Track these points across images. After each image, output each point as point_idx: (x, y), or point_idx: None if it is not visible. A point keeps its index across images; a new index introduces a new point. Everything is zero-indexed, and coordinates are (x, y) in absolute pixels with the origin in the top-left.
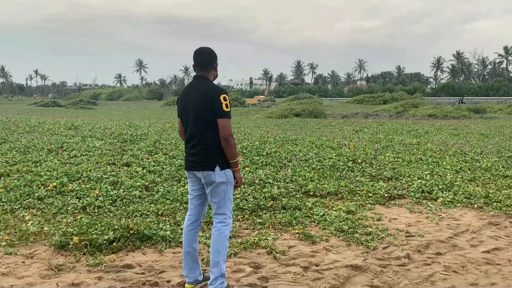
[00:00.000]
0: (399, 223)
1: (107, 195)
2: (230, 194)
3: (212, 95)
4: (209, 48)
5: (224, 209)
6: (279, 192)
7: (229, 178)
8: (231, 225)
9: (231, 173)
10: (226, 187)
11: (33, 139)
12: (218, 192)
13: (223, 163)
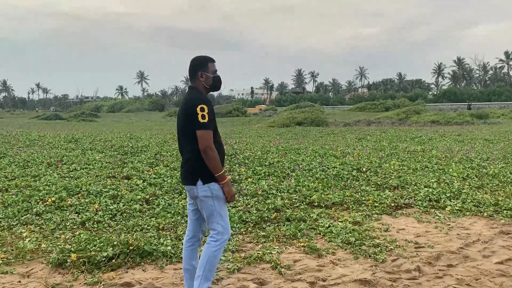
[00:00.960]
0: (407, 234)
1: (107, 209)
2: (219, 208)
3: (189, 106)
4: (196, 56)
5: (214, 224)
6: (283, 203)
7: (214, 192)
8: (226, 241)
9: (217, 186)
10: (214, 202)
11: (33, 153)
12: (205, 207)
13: (207, 176)
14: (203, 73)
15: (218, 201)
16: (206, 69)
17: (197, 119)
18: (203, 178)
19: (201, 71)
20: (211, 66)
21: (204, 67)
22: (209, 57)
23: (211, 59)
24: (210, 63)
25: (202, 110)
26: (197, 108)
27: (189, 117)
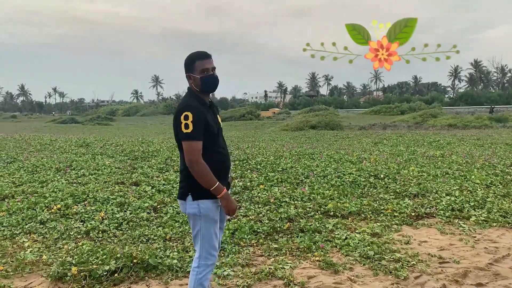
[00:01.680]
0: (430, 247)
1: (113, 217)
2: (206, 230)
3: (174, 115)
4: (188, 55)
5: (198, 247)
6: (296, 212)
7: (203, 211)
8: (211, 267)
9: (208, 205)
10: (201, 222)
11: (43, 158)
12: (192, 226)
13: (197, 192)
14: (190, 75)
15: (207, 221)
16: (192, 69)
17: (180, 129)
18: (193, 192)
19: (188, 72)
20: (199, 65)
21: (190, 67)
22: (197, 53)
23: (199, 55)
24: (199, 61)
25: (186, 119)
26: (181, 116)
27: (175, 126)
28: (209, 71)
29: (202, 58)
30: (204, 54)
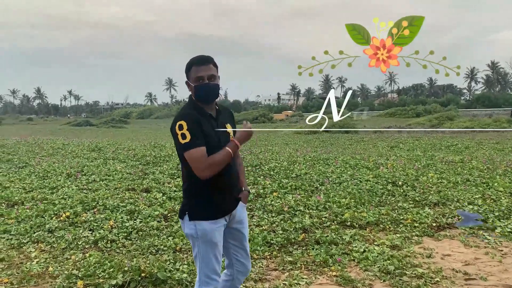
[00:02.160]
0: (454, 261)
1: (122, 226)
2: (204, 254)
3: (170, 128)
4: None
5: (198, 270)
6: (311, 222)
7: (200, 233)
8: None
9: (205, 226)
10: (199, 244)
11: (54, 163)
12: (192, 247)
13: (195, 211)
14: (187, 82)
15: (204, 243)
16: (189, 76)
17: (178, 141)
18: (190, 212)
19: (187, 79)
20: (194, 71)
21: (187, 73)
22: (195, 58)
23: (195, 61)
24: (195, 66)
25: (181, 128)
26: (175, 127)
27: (174, 140)
28: (204, 79)
29: (198, 64)
30: (200, 59)
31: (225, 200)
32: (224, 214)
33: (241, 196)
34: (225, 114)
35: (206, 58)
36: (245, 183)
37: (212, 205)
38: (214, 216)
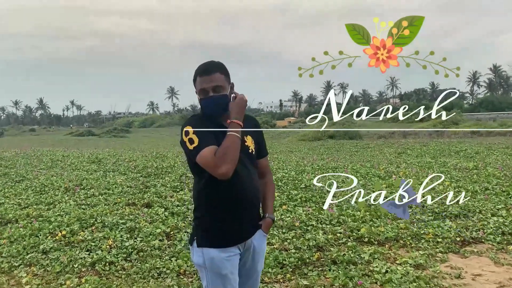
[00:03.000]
0: (487, 283)
1: (122, 246)
2: (214, 284)
3: (180, 140)
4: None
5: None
6: (326, 239)
7: (208, 263)
8: None
9: (214, 255)
10: (208, 276)
11: (53, 176)
12: (201, 278)
13: (202, 237)
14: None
15: (214, 275)
16: (195, 87)
17: (187, 149)
18: (198, 237)
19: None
20: (198, 83)
21: (194, 84)
22: (199, 68)
23: (198, 71)
24: (199, 77)
25: (187, 134)
26: (182, 135)
27: (184, 150)
28: (207, 92)
29: (201, 75)
30: (204, 69)
31: (239, 225)
32: (237, 242)
33: (262, 223)
34: (245, 126)
35: (210, 67)
36: (270, 208)
37: (221, 230)
38: (224, 244)
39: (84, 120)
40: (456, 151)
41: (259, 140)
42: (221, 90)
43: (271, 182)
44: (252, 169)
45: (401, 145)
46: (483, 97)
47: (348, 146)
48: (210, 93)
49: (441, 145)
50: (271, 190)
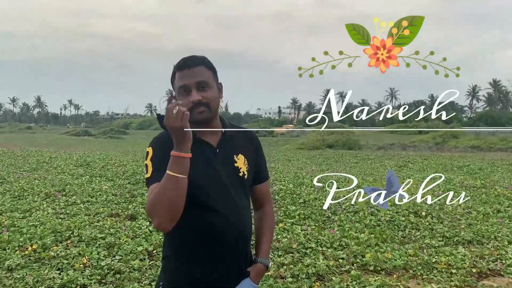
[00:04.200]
0: None
1: (97, 265)
2: None
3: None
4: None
5: None
6: (327, 265)
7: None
8: None
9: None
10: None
11: (35, 179)
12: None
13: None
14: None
15: None
16: (174, 87)
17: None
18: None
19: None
20: (178, 79)
21: (172, 85)
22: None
23: (179, 65)
24: (179, 72)
25: (146, 157)
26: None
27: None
28: (189, 90)
29: (181, 69)
30: (183, 62)
31: (217, 270)
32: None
33: (251, 270)
34: (238, 141)
35: (192, 59)
36: (264, 251)
37: (192, 275)
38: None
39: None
40: (459, 166)
41: (257, 160)
42: (207, 88)
43: (271, 215)
44: (242, 198)
45: (402, 158)
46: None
47: (348, 156)
48: (193, 92)
49: (443, 159)
50: (269, 226)
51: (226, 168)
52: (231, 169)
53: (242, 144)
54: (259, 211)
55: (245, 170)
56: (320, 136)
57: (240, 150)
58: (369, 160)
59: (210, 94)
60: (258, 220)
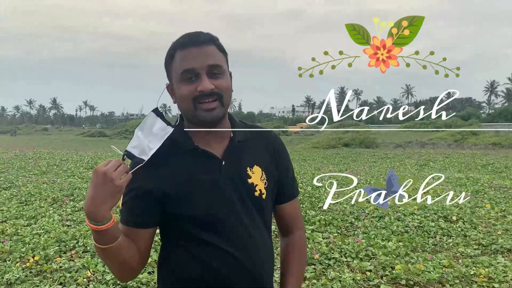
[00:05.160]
0: None
1: (102, 280)
2: None
3: None
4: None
5: None
6: (353, 279)
7: None
8: None
9: None
10: None
11: (44, 183)
12: None
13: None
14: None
15: None
16: (170, 72)
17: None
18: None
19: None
20: (180, 61)
21: (168, 69)
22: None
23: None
24: (181, 51)
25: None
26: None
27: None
28: (196, 76)
29: (184, 47)
30: (187, 39)
31: None
32: None
33: None
34: (253, 147)
35: (201, 36)
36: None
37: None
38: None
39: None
40: (483, 165)
41: (280, 171)
42: (220, 75)
43: (301, 245)
44: (258, 225)
45: (422, 156)
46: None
47: (365, 155)
48: (203, 78)
49: (465, 157)
50: (299, 260)
51: (236, 186)
52: (243, 188)
53: (259, 150)
54: (286, 238)
55: (262, 188)
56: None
57: (255, 159)
58: (388, 159)
59: (224, 83)
60: (285, 251)
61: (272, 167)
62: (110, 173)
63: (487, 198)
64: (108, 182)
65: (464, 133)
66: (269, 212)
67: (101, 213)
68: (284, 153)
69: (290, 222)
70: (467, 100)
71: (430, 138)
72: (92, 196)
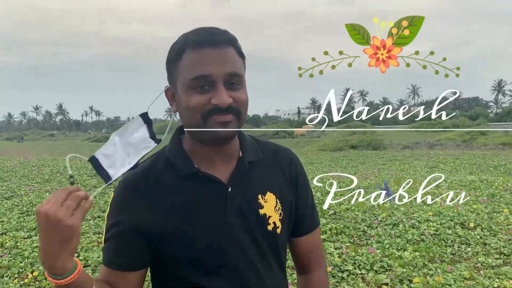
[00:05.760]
0: None
1: None
2: None
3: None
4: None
5: None
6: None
7: None
8: None
9: None
10: None
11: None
12: None
13: None
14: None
15: None
16: (174, 75)
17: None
18: None
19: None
20: (191, 63)
21: (170, 69)
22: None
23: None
24: (193, 51)
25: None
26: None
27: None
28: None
29: (198, 46)
30: (203, 36)
31: None
32: None
33: None
34: (265, 170)
35: (219, 34)
36: None
37: None
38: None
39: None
40: (495, 166)
41: (298, 198)
42: (239, 87)
43: (323, 285)
44: (272, 266)
45: (431, 158)
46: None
47: (374, 157)
48: (220, 89)
49: (475, 158)
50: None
51: (245, 219)
52: (253, 221)
53: (272, 173)
54: (303, 277)
55: (277, 220)
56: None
57: (268, 184)
58: (396, 161)
59: (243, 95)
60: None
61: (288, 193)
62: (54, 214)
63: (504, 202)
64: (55, 225)
65: (473, 133)
66: (284, 249)
67: (59, 265)
68: (304, 174)
69: (309, 258)
70: (474, 99)
71: (438, 138)
72: (43, 246)
